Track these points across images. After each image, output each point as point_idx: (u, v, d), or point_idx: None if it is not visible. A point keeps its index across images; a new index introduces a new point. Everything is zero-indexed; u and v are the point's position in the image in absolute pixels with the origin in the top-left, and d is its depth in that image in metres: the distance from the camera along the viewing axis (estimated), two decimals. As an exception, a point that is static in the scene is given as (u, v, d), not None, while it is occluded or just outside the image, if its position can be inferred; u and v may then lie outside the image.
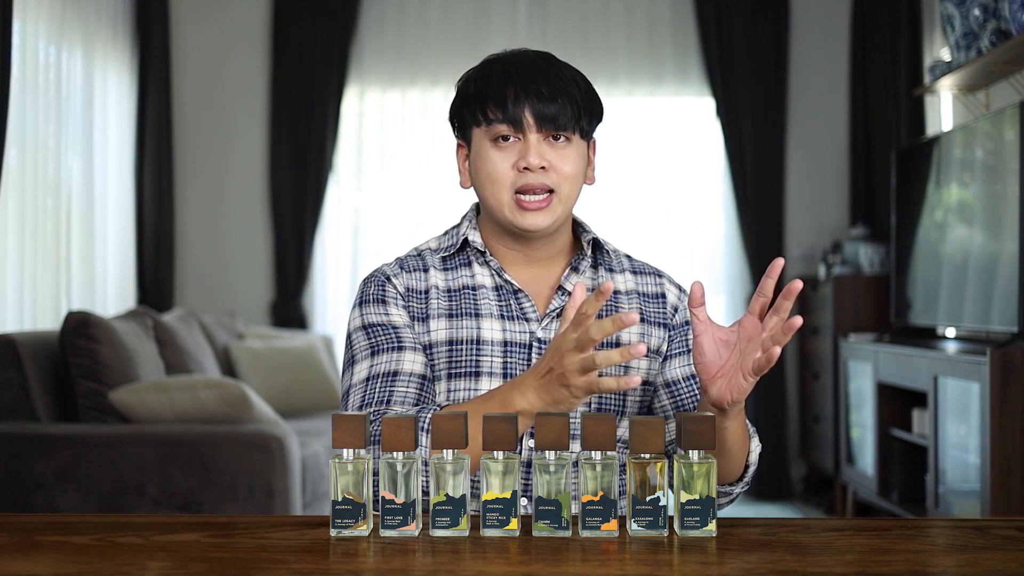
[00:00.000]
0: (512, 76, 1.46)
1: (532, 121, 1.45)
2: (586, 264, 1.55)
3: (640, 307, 1.55)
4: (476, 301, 1.52)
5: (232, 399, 3.31)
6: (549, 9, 5.33)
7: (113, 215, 4.67)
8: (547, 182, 1.46)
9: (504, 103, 1.45)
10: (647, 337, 1.54)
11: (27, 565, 1.11)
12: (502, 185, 1.47)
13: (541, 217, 1.47)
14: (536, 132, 1.46)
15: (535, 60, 1.49)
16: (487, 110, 1.47)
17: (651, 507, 1.19)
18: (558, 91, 1.45)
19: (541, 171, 1.46)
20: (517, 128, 1.45)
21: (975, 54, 3.80)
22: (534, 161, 1.45)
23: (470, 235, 1.55)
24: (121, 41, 4.80)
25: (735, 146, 5.24)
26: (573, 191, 1.49)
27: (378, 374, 1.46)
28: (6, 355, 3.29)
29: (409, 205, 5.27)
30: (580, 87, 1.48)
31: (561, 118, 1.45)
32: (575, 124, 1.47)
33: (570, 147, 1.48)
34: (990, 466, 3.20)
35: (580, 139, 1.49)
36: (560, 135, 1.47)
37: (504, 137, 1.47)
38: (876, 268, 4.80)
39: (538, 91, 1.45)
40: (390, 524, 1.20)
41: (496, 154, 1.47)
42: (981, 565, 1.10)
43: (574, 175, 1.48)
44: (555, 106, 1.45)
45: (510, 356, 1.49)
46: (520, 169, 1.46)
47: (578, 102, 1.47)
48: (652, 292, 1.57)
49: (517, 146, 1.47)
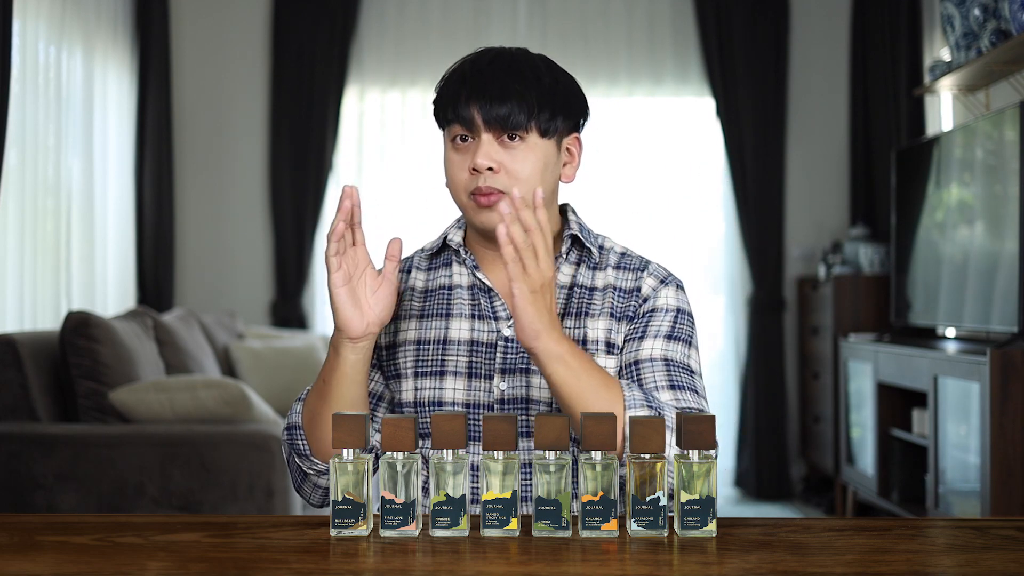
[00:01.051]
0: (467, 77, 1.45)
1: (479, 122, 1.44)
2: (563, 261, 1.54)
3: (612, 303, 1.52)
4: (449, 301, 1.54)
5: (232, 399, 3.32)
6: (549, 9, 5.33)
7: (113, 215, 4.67)
8: (495, 185, 1.44)
9: (456, 104, 1.45)
10: (614, 333, 1.51)
11: (27, 565, 1.11)
12: (459, 187, 1.48)
13: (496, 216, 1.44)
14: (485, 132, 1.44)
15: (499, 60, 1.47)
16: (445, 112, 1.47)
17: (651, 507, 1.19)
18: (510, 91, 1.43)
19: (490, 172, 1.44)
20: (470, 129, 1.45)
21: (975, 54, 3.80)
22: (480, 162, 1.43)
23: (450, 234, 1.57)
24: (121, 41, 4.80)
25: (735, 146, 5.24)
26: (529, 193, 1.43)
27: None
28: (6, 355, 3.29)
29: (409, 205, 5.27)
30: (543, 83, 1.45)
31: (511, 117, 1.43)
32: (528, 121, 1.44)
33: (524, 147, 1.45)
34: (990, 466, 3.20)
35: (539, 137, 1.46)
36: (514, 135, 1.44)
37: (462, 138, 1.46)
38: (876, 268, 4.80)
39: (487, 91, 1.43)
40: (390, 524, 1.20)
41: (454, 156, 1.48)
42: (981, 565, 1.10)
43: (529, 176, 1.45)
44: (505, 106, 1.43)
45: (475, 355, 1.50)
46: (471, 171, 1.45)
47: (535, 99, 1.44)
48: (628, 287, 1.54)
49: (472, 146, 1.46)
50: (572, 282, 1.54)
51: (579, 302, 1.52)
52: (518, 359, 1.49)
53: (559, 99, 1.47)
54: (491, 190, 1.44)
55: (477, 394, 1.49)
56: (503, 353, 1.49)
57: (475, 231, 1.54)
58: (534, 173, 1.46)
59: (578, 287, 1.53)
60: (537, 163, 1.46)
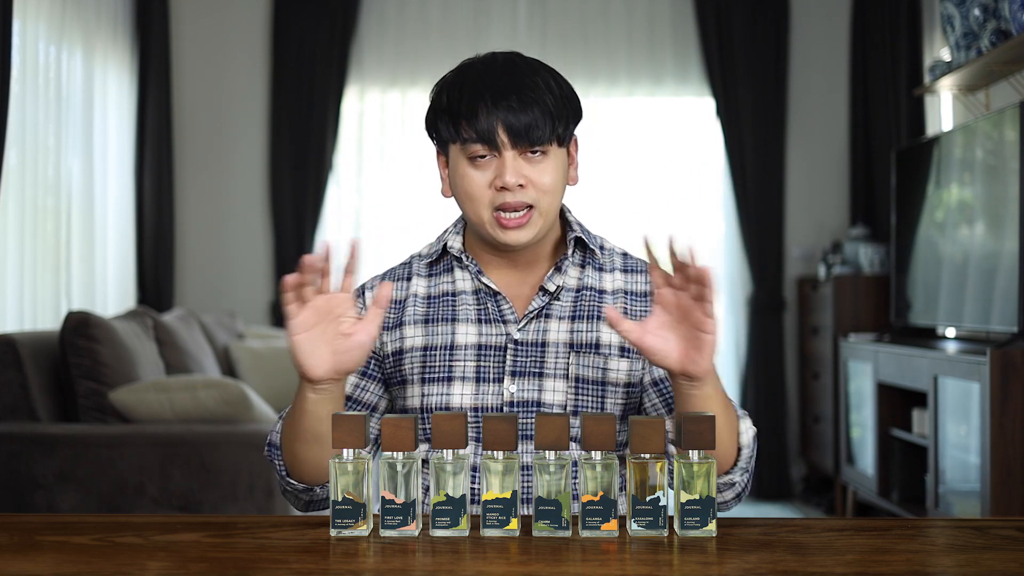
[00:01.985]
0: (483, 92, 1.43)
1: (506, 139, 1.43)
2: (569, 264, 1.54)
3: (626, 306, 1.54)
4: (454, 307, 1.53)
5: (232, 399, 3.32)
6: (549, 9, 5.33)
7: (113, 215, 4.67)
8: (525, 199, 1.44)
9: (476, 121, 1.43)
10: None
11: (27, 565, 1.11)
12: (481, 203, 1.46)
13: (523, 233, 1.46)
14: (511, 149, 1.44)
15: (506, 69, 1.46)
16: (460, 128, 1.44)
17: (651, 507, 1.19)
18: (529, 102, 1.42)
19: (519, 188, 1.44)
20: (492, 147, 1.44)
21: (975, 54, 3.80)
22: (511, 180, 1.43)
23: (450, 240, 1.55)
24: (121, 41, 4.80)
25: (735, 146, 5.24)
26: (554, 202, 1.47)
27: None
28: (6, 355, 3.29)
29: (409, 205, 5.27)
30: (554, 92, 1.45)
31: (535, 132, 1.43)
32: (551, 135, 1.44)
33: (547, 159, 1.46)
34: (990, 466, 3.20)
35: (558, 147, 1.47)
36: (536, 150, 1.45)
37: (480, 155, 1.45)
38: (876, 268, 4.80)
39: (509, 106, 1.42)
40: (390, 524, 1.20)
41: (473, 172, 1.46)
42: (981, 565, 1.10)
43: (553, 187, 1.46)
44: (528, 120, 1.42)
45: (483, 360, 1.49)
46: (497, 188, 1.44)
47: (551, 111, 1.44)
48: (640, 291, 1.55)
49: (493, 163, 1.45)
50: (579, 284, 1.54)
51: (589, 305, 1.52)
52: (529, 362, 1.49)
53: (571, 107, 1.48)
54: (520, 204, 1.44)
55: (486, 398, 1.48)
56: (513, 356, 1.49)
57: (480, 237, 1.53)
58: (557, 183, 1.47)
59: (586, 289, 1.54)
60: (558, 172, 1.48)
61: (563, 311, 1.52)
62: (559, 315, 1.51)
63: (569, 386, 1.48)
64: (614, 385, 1.49)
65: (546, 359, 1.49)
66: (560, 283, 1.52)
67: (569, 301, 1.52)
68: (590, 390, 1.49)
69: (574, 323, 1.51)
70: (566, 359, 1.49)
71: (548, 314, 1.51)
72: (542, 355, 1.49)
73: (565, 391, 1.48)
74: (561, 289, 1.53)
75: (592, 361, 1.49)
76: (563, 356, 1.49)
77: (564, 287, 1.53)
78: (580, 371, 1.49)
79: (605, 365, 1.49)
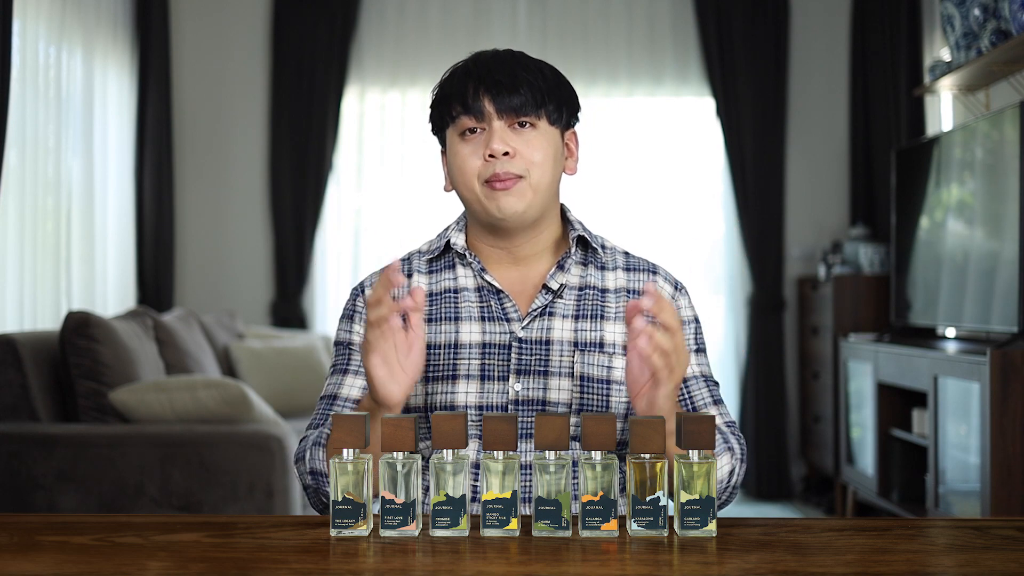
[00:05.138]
0: (471, 72, 1.48)
1: (492, 109, 1.46)
2: (572, 262, 1.54)
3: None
4: (456, 305, 1.53)
5: (232, 399, 3.32)
6: (549, 9, 5.33)
7: (113, 215, 4.67)
8: (513, 169, 1.46)
9: (465, 97, 1.47)
10: None
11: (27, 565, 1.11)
12: (472, 175, 1.48)
13: (513, 199, 1.46)
14: (498, 119, 1.46)
15: (497, 55, 1.50)
16: (451, 108, 1.48)
17: (651, 507, 1.19)
18: (518, 80, 1.46)
19: (506, 158, 1.45)
20: (480, 119, 1.46)
21: (975, 54, 3.80)
22: (497, 147, 1.45)
23: (453, 237, 1.55)
24: (121, 41, 4.80)
25: (735, 146, 5.24)
26: (544, 177, 1.48)
27: (324, 395, 1.53)
28: (6, 355, 3.29)
29: (409, 205, 5.27)
30: (544, 74, 1.49)
31: (519, 100, 1.46)
32: (538, 108, 1.47)
33: (536, 133, 1.48)
34: (990, 466, 3.20)
35: (549, 125, 1.49)
36: (524, 121, 1.47)
37: (471, 130, 1.48)
38: (876, 268, 4.80)
39: (496, 80, 1.46)
40: (390, 524, 1.20)
41: (464, 147, 1.48)
42: (981, 565, 1.10)
43: (543, 161, 1.48)
44: (515, 94, 1.46)
45: (488, 358, 1.49)
46: (486, 158, 1.46)
47: (540, 87, 1.47)
48: (642, 289, 1.55)
49: (483, 136, 1.47)
50: (582, 283, 1.54)
51: (592, 304, 1.53)
52: (534, 360, 1.49)
53: (563, 91, 1.51)
54: (508, 175, 1.46)
55: (491, 396, 1.48)
56: (518, 354, 1.49)
57: (482, 229, 1.53)
58: (547, 158, 1.48)
59: (589, 288, 1.54)
60: (548, 149, 1.49)
61: (567, 309, 1.52)
62: (563, 313, 1.51)
63: (574, 384, 1.48)
64: (619, 383, 1.49)
65: (551, 357, 1.49)
66: (563, 281, 1.52)
67: (572, 299, 1.53)
68: (595, 388, 1.49)
69: (578, 322, 1.51)
70: (571, 357, 1.49)
71: (552, 312, 1.51)
72: (547, 353, 1.49)
73: (570, 389, 1.48)
74: (564, 287, 1.53)
75: (597, 359, 1.49)
76: (567, 354, 1.49)
77: (567, 285, 1.53)
78: (585, 369, 1.49)
79: (610, 363, 1.49)
